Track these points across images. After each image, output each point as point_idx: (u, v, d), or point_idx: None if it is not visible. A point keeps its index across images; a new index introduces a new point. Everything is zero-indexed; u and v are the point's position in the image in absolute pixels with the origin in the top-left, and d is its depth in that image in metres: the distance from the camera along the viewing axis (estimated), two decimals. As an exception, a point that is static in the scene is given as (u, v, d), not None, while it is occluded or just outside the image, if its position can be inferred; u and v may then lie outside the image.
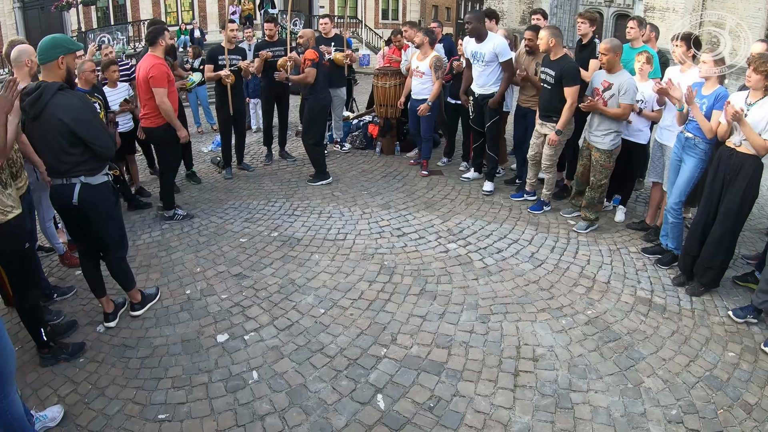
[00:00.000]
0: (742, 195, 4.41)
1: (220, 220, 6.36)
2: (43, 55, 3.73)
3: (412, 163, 8.54)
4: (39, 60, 3.80)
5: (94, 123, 3.84)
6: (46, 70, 3.76)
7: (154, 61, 5.75)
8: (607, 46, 5.47)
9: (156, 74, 5.69)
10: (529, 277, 5.06)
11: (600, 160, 5.76)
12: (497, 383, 3.66)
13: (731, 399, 3.54)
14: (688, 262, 4.87)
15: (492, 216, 6.46)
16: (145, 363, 3.91)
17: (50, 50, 3.72)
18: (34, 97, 3.64)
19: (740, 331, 4.28)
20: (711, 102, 4.72)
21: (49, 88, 3.66)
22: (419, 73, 7.56)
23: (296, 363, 3.86)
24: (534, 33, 6.64)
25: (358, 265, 5.27)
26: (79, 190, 3.85)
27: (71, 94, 3.79)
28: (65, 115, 3.65)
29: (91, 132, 3.77)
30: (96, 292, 4.36)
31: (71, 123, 3.66)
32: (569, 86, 5.81)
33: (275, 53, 7.98)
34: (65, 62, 3.78)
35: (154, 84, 5.70)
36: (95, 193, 3.93)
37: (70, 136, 3.71)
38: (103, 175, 4.00)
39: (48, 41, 3.76)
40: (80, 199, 3.86)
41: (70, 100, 3.72)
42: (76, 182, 3.84)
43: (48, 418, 3.29)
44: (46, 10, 22.65)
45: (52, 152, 3.78)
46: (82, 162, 3.82)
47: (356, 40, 25.58)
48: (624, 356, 3.94)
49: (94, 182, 3.92)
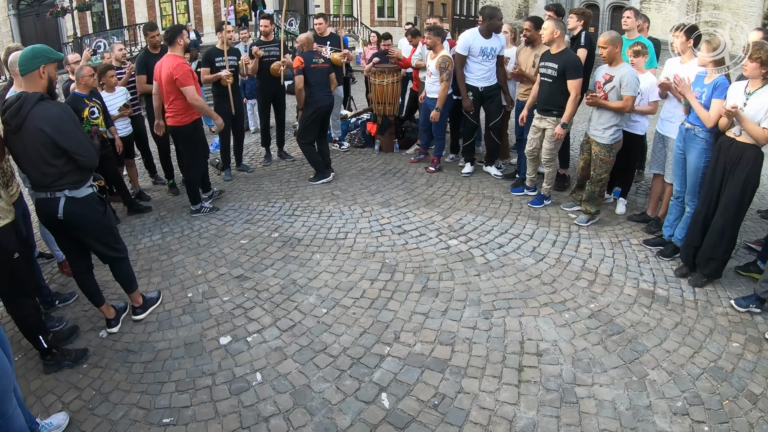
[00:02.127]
0: (742, 185, 4.39)
1: (221, 222, 6.36)
2: (23, 66, 3.65)
3: (413, 161, 8.50)
4: (20, 71, 3.68)
5: (75, 132, 3.74)
6: (28, 81, 3.67)
7: (176, 61, 5.84)
8: (606, 38, 5.45)
9: (180, 75, 5.80)
10: (531, 271, 5.05)
11: (600, 155, 5.74)
12: (501, 379, 3.65)
13: (736, 389, 3.53)
14: (690, 253, 4.86)
15: (493, 211, 6.45)
16: (148, 367, 3.90)
17: (31, 60, 3.64)
18: (14, 109, 3.55)
19: (744, 322, 4.27)
20: (710, 91, 4.70)
21: (29, 98, 3.57)
22: (429, 72, 7.55)
23: (300, 363, 3.85)
24: (532, 23, 6.65)
25: (360, 263, 5.26)
26: (64, 204, 3.79)
27: (52, 104, 3.71)
28: (46, 125, 3.57)
29: (72, 142, 3.68)
30: (95, 302, 4.34)
31: (52, 133, 3.58)
32: (573, 79, 5.81)
33: (270, 52, 7.97)
34: (47, 72, 3.71)
35: (181, 84, 5.83)
36: (81, 206, 3.87)
37: (52, 146, 3.63)
38: (87, 188, 3.92)
39: (28, 51, 3.69)
40: (66, 213, 3.81)
41: (51, 110, 3.63)
42: (60, 196, 3.78)
43: (53, 425, 3.28)
44: (41, 17, 22.66)
45: (33, 164, 3.70)
46: (65, 174, 3.75)
47: (352, 39, 25.54)
48: (628, 349, 3.93)
49: (79, 195, 3.85)
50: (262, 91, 8.35)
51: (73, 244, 4.13)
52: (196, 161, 6.46)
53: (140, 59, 7.10)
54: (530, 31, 6.71)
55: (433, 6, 41.37)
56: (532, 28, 6.69)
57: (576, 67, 5.81)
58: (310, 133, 7.43)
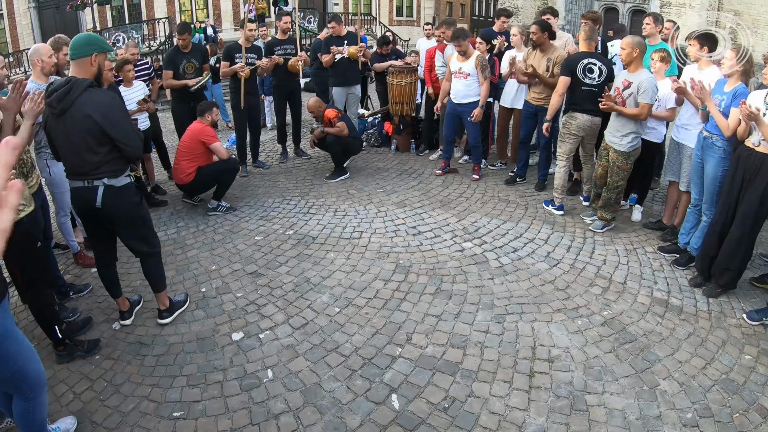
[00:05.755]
0: (761, 196, 4.33)
1: (236, 218, 6.39)
2: (75, 51, 3.64)
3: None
4: (71, 55, 3.67)
5: (123, 122, 3.73)
6: (77, 66, 3.66)
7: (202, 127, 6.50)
8: (628, 41, 5.42)
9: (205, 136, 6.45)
10: (544, 276, 5.04)
11: (617, 162, 5.69)
12: (512, 384, 3.64)
13: (747, 403, 3.50)
14: (706, 263, 4.81)
15: (508, 215, 6.44)
16: (160, 360, 3.94)
17: (84, 46, 3.64)
18: (62, 92, 3.52)
19: (757, 334, 4.23)
20: (729, 99, 4.65)
21: (78, 83, 3.55)
22: (463, 74, 7.25)
23: (311, 362, 3.87)
24: (539, 27, 6.62)
25: (374, 263, 5.27)
26: (102, 193, 3.74)
27: (101, 92, 3.70)
28: (94, 111, 3.54)
29: (120, 131, 3.65)
30: (112, 293, 4.34)
31: (101, 120, 3.55)
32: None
33: (287, 51, 8.02)
34: (97, 61, 3.69)
35: (211, 142, 6.46)
36: (119, 195, 3.80)
37: (99, 134, 3.59)
38: (125, 177, 3.87)
39: (82, 37, 3.71)
40: (104, 202, 3.75)
41: (100, 97, 3.62)
42: (98, 185, 3.73)
43: (61, 430, 3.24)
44: (61, 10, 22.84)
45: (75, 151, 3.65)
46: (105, 162, 3.70)
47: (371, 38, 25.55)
48: (640, 358, 3.91)
49: (118, 184, 3.79)
50: (278, 89, 8.40)
51: (104, 235, 4.11)
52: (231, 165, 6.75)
53: (169, 56, 7.35)
54: (537, 34, 6.66)
55: (451, 6, 41.28)
56: (539, 32, 6.64)
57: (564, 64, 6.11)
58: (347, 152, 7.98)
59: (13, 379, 2.71)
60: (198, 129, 6.47)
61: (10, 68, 17.14)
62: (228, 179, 6.68)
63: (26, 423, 2.89)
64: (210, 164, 6.56)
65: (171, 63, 7.21)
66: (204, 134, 6.45)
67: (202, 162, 6.50)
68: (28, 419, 2.88)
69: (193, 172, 6.42)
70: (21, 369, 2.70)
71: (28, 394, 2.81)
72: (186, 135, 6.56)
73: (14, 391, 2.81)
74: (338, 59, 8.23)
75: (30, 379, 2.78)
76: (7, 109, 3.63)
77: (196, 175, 6.43)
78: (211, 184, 6.65)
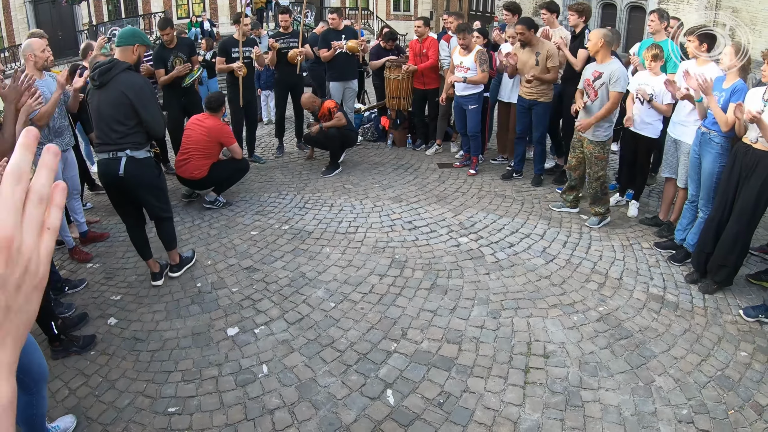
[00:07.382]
0: (757, 192, 4.33)
1: (231, 212, 6.38)
2: (122, 39, 4.35)
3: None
4: (117, 43, 4.37)
5: (152, 105, 4.32)
6: (121, 52, 4.31)
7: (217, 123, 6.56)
8: (594, 32, 5.57)
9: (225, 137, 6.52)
10: (540, 272, 5.04)
11: (594, 152, 5.73)
12: (507, 380, 3.65)
13: (742, 399, 3.51)
14: (702, 260, 4.81)
15: (504, 210, 6.43)
16: (155, 356, 3.93)
17: (130, 37, 4.37)
18: (105, 68, 4.13)
19: (753, 331, 4.23)
20: (728, 95, 4.64)
21: (119, 64, 4.19)
22: (463, 68, 7.22)
23: (306, 357, 3.86)
24: (525, 26, 6.58)
25: (369, 258, 5.26)
26: (125, 163, 4.24)
27: (137, 75, 4.39)
28: (129, 90, 4.12)
29: (148, 112, 4.22)
30: (143, 254, 4.83)
31: (134, 99, 4.13)
32: None
33: (289, 44, 7.98)
34: (138, 51, 4.37)
35: (230, 143, 6.55)
36: (140, 166, 4.32)
37: (128, 109, 4.16)
38: (146, 151, 4.39)
39: (129, 30, 4.57)
40: (126, 171, 4.24)
41: (136, 79, 4.26)
42: (122, 156, 4.24)
43: (60, 429, 3.23)
44: (57, 4, 22.68)
45: (104, 121, 4.20)
46: (129, 134, 4.24)
47: (368, 32, 25.49)
48: (635, 354, 3.91)
49: (139, 156, 4.31)
50: (279, 83, 8.37)
51: (128, 201, 4.58)
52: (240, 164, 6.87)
53: (156, 54, 7.20)
54: (524, 33, 6.62)
55: (449, 1, 41.18)
56: (526, 30, 6.60)
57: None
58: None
59: (16, 372, 2.69)
60: (217, 128, 6.42)
61: (5, 63, 17.04)
62: (237, 178, 6.87)
63: (28, 417, 2.88)
64: (223, 162, 6.61)
65: (160, 60, 7.05)
66: (224, 135, 6.49)
67: (215, 159, 6.53)
68: (30, 413, 2.87)
69: (206, 169, 6.41)
70: (24, 362, 2.69)
71: (31, 388, 2.81)
72: (199, 131, 6.39)
73: (17, 384, 2.80)
74: (336, 54, 8.21)
75: (33, 372, 2.79)
76: (6, 97, 3.61)
77: (209, 172, 6.44)
78: (220, 181, 6.66)
